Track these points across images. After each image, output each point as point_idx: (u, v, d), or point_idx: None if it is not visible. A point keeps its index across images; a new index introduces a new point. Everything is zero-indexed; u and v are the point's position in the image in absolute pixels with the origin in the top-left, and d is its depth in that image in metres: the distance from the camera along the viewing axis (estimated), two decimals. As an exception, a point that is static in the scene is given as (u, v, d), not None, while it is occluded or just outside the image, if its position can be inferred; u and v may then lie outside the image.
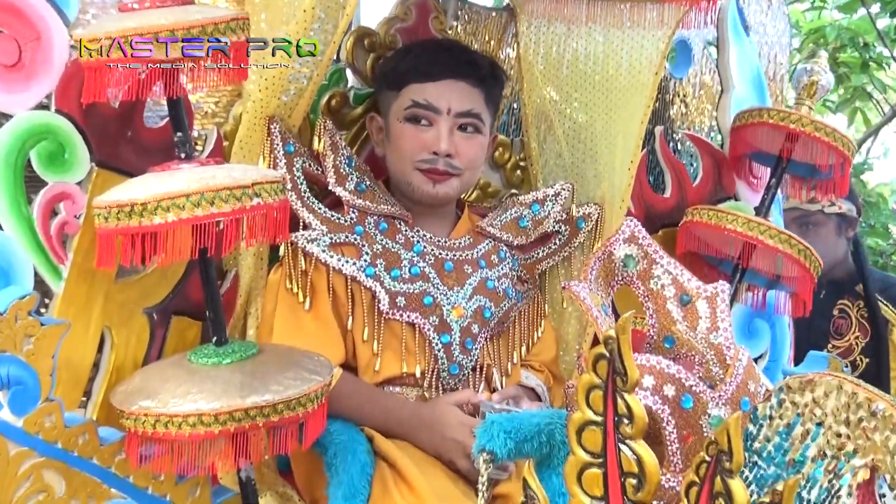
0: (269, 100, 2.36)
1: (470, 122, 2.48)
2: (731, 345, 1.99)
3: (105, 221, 1.87)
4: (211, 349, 2.03)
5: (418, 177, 2.45)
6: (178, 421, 1.87)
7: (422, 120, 2.46)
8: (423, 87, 2.46)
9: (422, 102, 2.45)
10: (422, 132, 2.45)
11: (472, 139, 2.49)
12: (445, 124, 2.44)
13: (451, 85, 2.47)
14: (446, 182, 2.47)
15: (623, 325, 1.52)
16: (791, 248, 2.64)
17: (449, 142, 2.44)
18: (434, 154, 2.44)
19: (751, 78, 3.09)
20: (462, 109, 2.46)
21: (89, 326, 2.12)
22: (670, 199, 2.95)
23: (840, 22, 7.25)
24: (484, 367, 2.48)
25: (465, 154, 2.47)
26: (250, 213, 1.88)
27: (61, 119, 2.05)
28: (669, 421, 1.81)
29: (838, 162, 2.72)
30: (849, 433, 1.56)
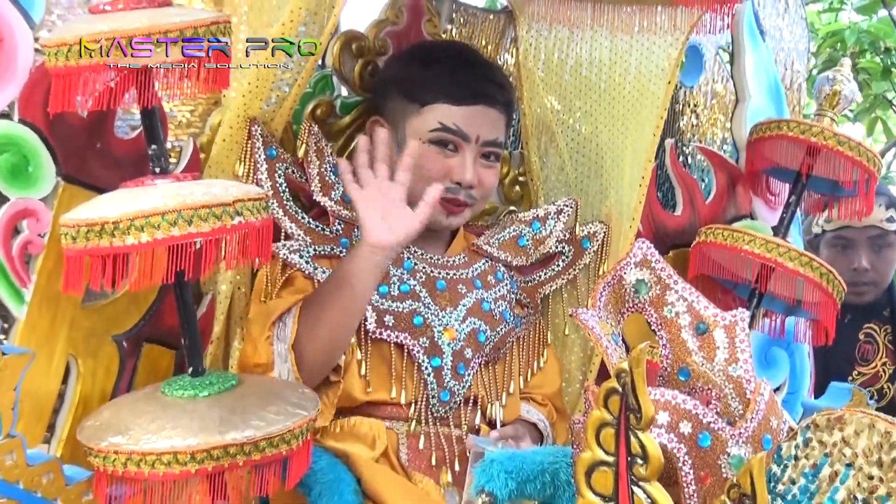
0: (250, 108, 2.37)
1: (493, 151, 2.51)
2: (751, 378, 1.98)
3: (72, 241, 1.85)
4: (186, 380, 2.01)
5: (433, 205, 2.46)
6: (152, 459, 1.85)
7: (448, 144, 2.46)
8: (453, 111, 2.46)
9: (452, 128, 2.45)
10: (447, 158, 2.46)
11: (491, 168, 2.53)
12: (471, 153, 2.46)
13: (482, 112, 2.48)
14: (460, 214, 2.51)
15: (637, 357, 1.53)
16: (812, 271, 2.63)
17: (473, 172, 2.46)
18: (457, 184, 2.45)
19: (767, 87, 3.10)
20: (490, 138, 2.49)
21: (54, 355, 2.11)
22: (681, 217, 2.94)
23: (859, 25, 7.29)
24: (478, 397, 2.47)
25: (485, 185, 2.52)
26: (231, 233, 1.86)
27: (25, 129, 2.05)
28: (686, 461, 1.81)
29: (863, 178, 2.71)
30: (881, 475, 1.56)
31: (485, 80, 2.52)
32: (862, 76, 7.46)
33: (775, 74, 3.18)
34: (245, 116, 2.37)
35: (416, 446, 2.40)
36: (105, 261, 1.83)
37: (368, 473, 2.29)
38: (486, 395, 2.49)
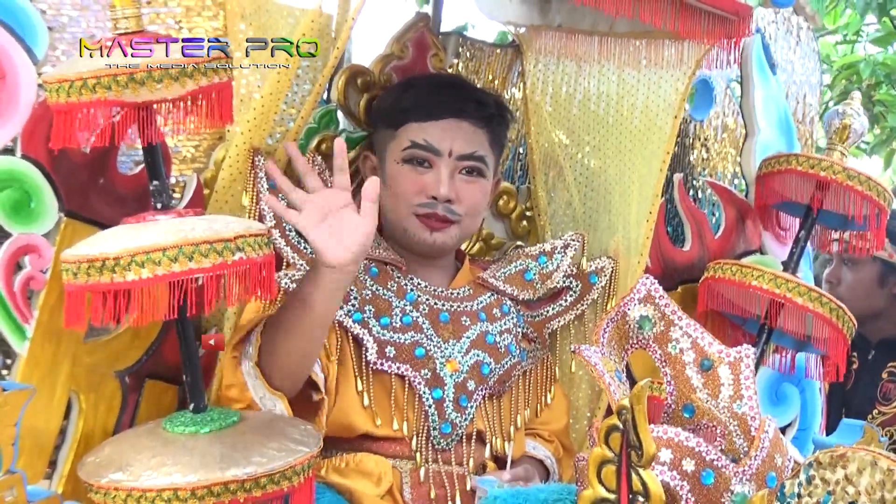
0: (254, 142, 2.40)
1: (473, 166, 2.50)
2: (756, 415, 1.97)
3: (74, 277, 1.85)
4: (188, 416, 2.01)
5: (415, 223, 2.47)
6: (152, 496, 1.85)
7: (422, 162, 2.47)
8: (423, 127, 2.48)
9: (421, 143, 2.47)
10: (421, 175, 2.47)
11: (474, 184, 2.51)
12: (446, 167, 2.47)
13: (453, 125, 2.49)
14: (445, 230, 2.48)
15: (638, 394, 1.54)
16: (822, 306, 2.63)
17: (449, 186, 2.45)
18: (433, 199, 2.45)
19: (777, 120, 3.10)
20: (465, 152, 2.48)
21: (55, 391, 2.13)
22: (690, 252, 2.95)
23: (875, 57, 7.29)
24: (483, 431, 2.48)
25: (467, 200, 2.49)
26: (232, 269, 1.87)
27: (27, 165, 2.08)
28: (689, 499, 1.81)
29: (873, 212, 2.71)
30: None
31: (457, 96, 2.54)
32: (878, 108, 7.45)
33: (786, 108, 3.18)
34: (250, 147, 2.40)
35: (418, 484, 2.40)
36: (106, 296, 1.83)
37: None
38: (491, 429, 2.49)
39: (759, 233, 3.01)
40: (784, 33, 3.39)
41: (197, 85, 1.89)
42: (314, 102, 2.45)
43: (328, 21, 2.43)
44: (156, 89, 1.86)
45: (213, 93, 1.94)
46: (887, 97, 7.37)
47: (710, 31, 2.39)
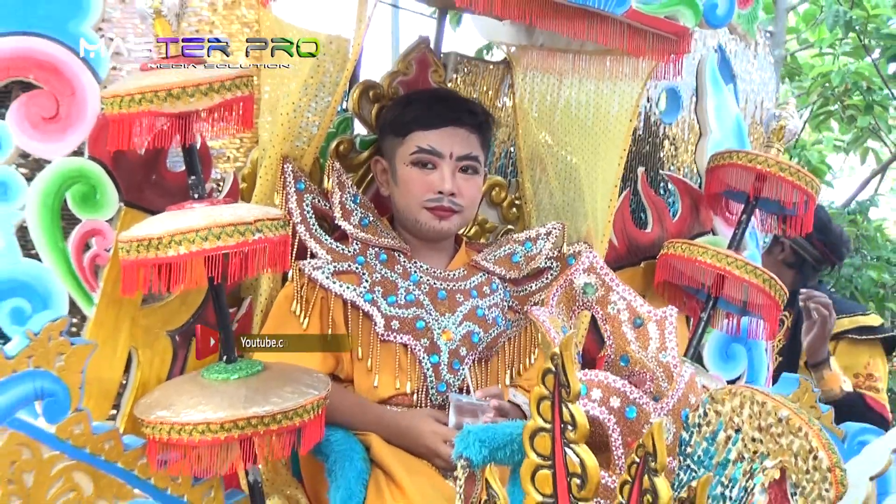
0: (283, 145, 2.45)
1: (470, 165, 2.56)
2: (677, 363, 2.03)
3: (127, 254, 1.94)
4: (221, 366, 2.09)
5: (426, 215, 2.53)
6: (189, 428, 1.93)
7: (427, 164, 2.53)
8: (426, 135, 2.53)
9: (426, 148, 2.53)
10: (427, 175, 2.53)
11: (471, 180, 2.57)
12: (448, 167, 2.52)
13: (452, 132, 2.55)
14: (450, 219, 2.54)
15: (566, 342, 1.61)
16: (756, 278, 2.67)
17: (452, 182, 2.51)
18: (439, 193, 2.51)
19: (729, 123, 3.13)
20: (463, 153, 2.54)
21: (117, 347, 2.19)
22: (651, 233, 2.99)
23: (847, 66, 7.27)
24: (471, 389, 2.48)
25: (466, 193, 2.56)
26: (252, 247, 1.94)
27: (93, 164, 2.14)
28: (615, 429, 1.86)
29: (802, 199, 2.75)
30: (761, 438, 1.63)
31: (453, 107, 2.59)
32: (850, 112, 7.43)
33: (738, 115, 3.20)
34: (280, 155, 2.45)
35: None
36: (152, 269, 1.92)
37: (376, 444, 2.36)
38: (480, 387, 2.51)
39: (711, 217, 3.04)
40: (743, 48, 3.41)
41: (223, 98, 1.97)
42: (333, 112, 2.50)
43: (344, 44, 2.45)
44: (190, 102, 1.94)
45: (237, 104, 2.01)
46: (859, 102, 7.34)
47: (655, 49, 2.40)
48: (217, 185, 2.44)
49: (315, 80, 2.45)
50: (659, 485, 1.55)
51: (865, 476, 1.91)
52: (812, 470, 1.59)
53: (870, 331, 4.09)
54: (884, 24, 6.90)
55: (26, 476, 1.92)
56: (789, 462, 1.60)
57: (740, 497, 1.63)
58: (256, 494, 2.15)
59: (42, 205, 2.12)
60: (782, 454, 1.61)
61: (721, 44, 3.24)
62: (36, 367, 1.92)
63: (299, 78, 2.44)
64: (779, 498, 1.62)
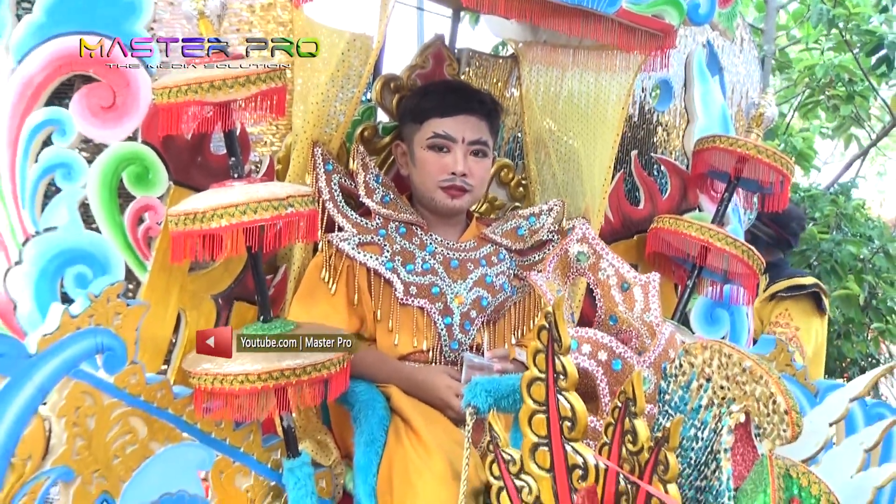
0: (314, 131, 2.47)
1: (480, 148, 2.58)
2: (659, 322, 2.07)
3: (175, 226, 1.99)
4: (259, 325, 2.13)
5: (441, 194, 2.56)
6: (231, 379, 1.98)
7: (442, 148, 2.55)
8: (441, 122, 2.55)
9: (441, 134, 2.55)
10: (442, 157, 2.55)
11: (481, 162, 2.59)
12: (461, 151, 2.54)
13: (464, 119, 2.56)
14: (461, 197, 2.56)
15: (558, 302, 1.67)
16: (737, 249, 2.68)
17: (464, 164, 2.54)
18: (452, 174, 2.54)
19: (715, 111, 3.12)
20: (473, 138, 2.56)
21: (168, 309, 2.23)
22: (643, 210, 3.00)
23: (831, 60, 7.23)
24: (481, 345, 2.53)
25: (477, 174, 2.58)
26: (285, 220, 1.98)
27: (146, 148, 2.18)
28: (602, 379, 1.91)
29: (778, 179, 2.75)
30: (728, 386, 1.67)
31: (465, 98, 2.61)
32: (833, 101, 7.39)
33: (723, 104, 3.19)
34: (311, 140, 2.47)
35: None
36: (198, 240, 1.97)
37: (395, 395, 2.38)
38: (488, 346, 2.54)
39: (697, 195, 3.04)
40: (730, 44, 3.42)
41: (259, 89, 2.00)
42: (358, 101, 2.51)
43: (367, 41, 2.47)
44: (229, 92, 1.97)
45: (272, 94, 2.04)
46: (842, 92, 7.29)
47: (644, 44, 2.42)
48: (255, 167, 2.47)
49: (342, 73, 2.47)
50: (638, 426, 1.61)
51: (826, 422, 1.95)
52: (772, 413, 1.62)
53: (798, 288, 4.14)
54: (864, 22, 6.84)
55: (89, 420, 1.96)
56: (752, 406, 1.64)
57: (710, 437, 1.65)
58: (290, 438, 2.19)
59: (101, 184, 2.16)
60: (746, 399, 1.64)
61: (709, 39, 3.25)
62: (96, 325, 1.96)
63: (328, 71, 2.45)
64: (744, 438, 1.65)
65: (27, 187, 2.15)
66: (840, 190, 6.77)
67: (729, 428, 1.62)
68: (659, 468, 1.56)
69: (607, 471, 1.63)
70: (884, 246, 5.87)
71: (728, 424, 1.63)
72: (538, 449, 1.72)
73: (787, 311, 4.19)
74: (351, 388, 2.28)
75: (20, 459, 1.89)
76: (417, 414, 2.33)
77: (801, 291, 4.17)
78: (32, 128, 2.15)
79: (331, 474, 2.33)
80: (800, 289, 4.17)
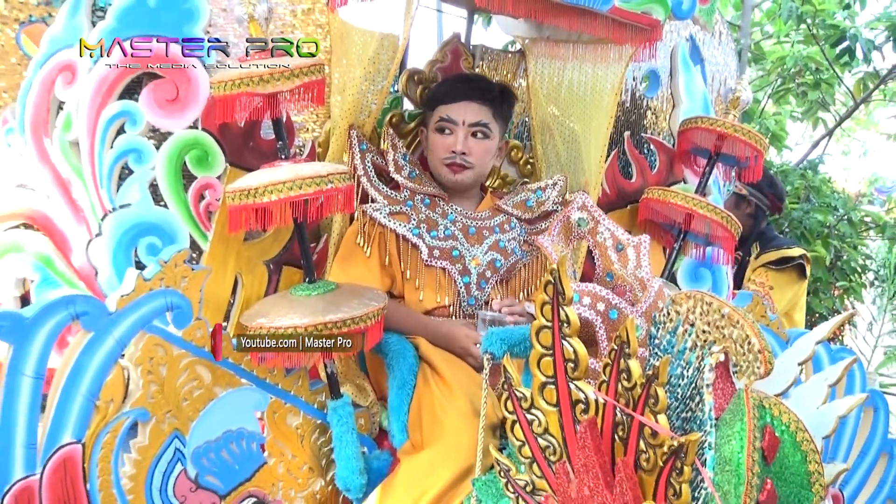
0: (350, 118, 2.48)
1: (479, 130, 2.55)
2: (649, 277, 2.06)
3: (232, 201, 2.01)
4: (305, 286, 2.16)
5: (445, 169, 2.56)
6: (280, 332, 2.01)
7: (445, 130, 2.55)
8: (447, 107, 2.55)
9: (444, 118, 2.54)
10: (445, 138, 2.55)
11: (481, 143, 2.56)
12: (461, 132, 2.53)
13: (466, 104, 2.55)
14: (462, 173, 2.55)
15: (562, 260, 1.66)
16: (717, 215, 2.68)
17: (463, 144, 2.52)
18: (453, 153, 2.53)
19: (698, 96, 3.10)
20: (473, 121, 2.54)
21: (226, 273, 2.24)
22: (635, 183, 2.98)
23: (800, 51, 7.16)
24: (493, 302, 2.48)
25: (475, 153, 2.55)
26: (326, 194, 2.00)
27: (204, 134, 2.18)
28: (601, 327, 1.91)
29: (752, 154, 2.73)
30: (709, 330, 1.67)
31: (468, 86, 2.59)
32: (803, 88, 7.32)
33: (705, 91, 3.15)
34: (347, 125, 2.48)
35: None
36: (251, 213, 1.99)
37: (423, 345, 2.40)
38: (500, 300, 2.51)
39: (682, 169, 3.02)
40: (710, 37, 3.39)
41: (301, 81, 2.01)
42: (387, 92, 2.51)
43: (394, 39, 2.47)
44: (276, 85, 1.99)
45: (312, 87, 2.05)
46: (809, 80, 7.23)
47: (633, 37, 2.42)
48: (299, 150, 2.48)
49: (373, 68, 2.47)
50: (632, 365, 1.60)
51: (795, 362, 1.94)
52: (747, 352, 1.62)
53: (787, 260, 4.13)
54: (829, 17, 6.77)
55: (161, 368, 1.99)
56: (730, 347, 1.63)
57: (694, 375, 1.65)
58: (333, 383, 2.22)
59: (167, 166, 2.17)
60: (725, 341, 1.64)
61: (692, 33, 3.22)
62: (166, 287, 2.00)
63: (361, 66, 2.45)
64: (723, 375, 1.64)
65: (104, 170, 2.15)
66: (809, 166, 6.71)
67: (710, 366, 1.61)
68: (650, 401, 1.56)
69: (605, 405, 1.62)
70: (847, 214, 5.83)
71: (709, 363, 1.61)
72: (546, 387, 1.71)
73: (766, 273, 4.19)
74: (384, 339, 2.29)
75: (104, 402, 1.93)
76: (442, 361, 2.35)
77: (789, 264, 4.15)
78: (108, 119, 2.15)
79: (368, 413, 2.36)
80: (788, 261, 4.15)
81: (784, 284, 4.18)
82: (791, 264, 4.17)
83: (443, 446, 2.14)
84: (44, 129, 2.21)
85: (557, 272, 1.67)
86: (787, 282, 4.19)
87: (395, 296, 2.52)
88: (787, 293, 4.22)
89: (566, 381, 1.69)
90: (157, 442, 2.00)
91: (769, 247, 4.23)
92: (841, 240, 5.80)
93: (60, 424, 1.88)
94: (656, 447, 1.53)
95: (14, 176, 2.25)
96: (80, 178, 2.17)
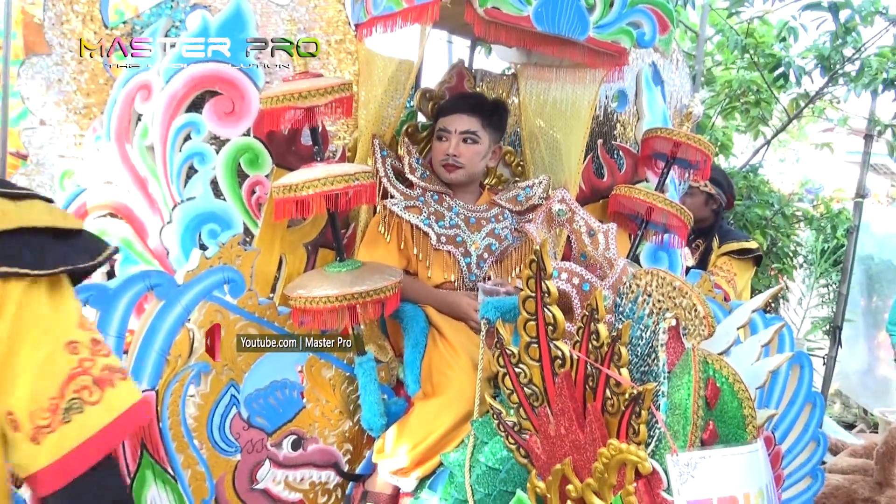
0: (373, 128, 2.45)
1: (469, 136, 2.49)
2: (616, 258, 2.05)
3: (277, 195, 2.01)
4: (336, 264, 2.16)
5: (442, 169, 2.51)
6: (317, 300, 2.02)
7: (442, 137, 2.52)
8: (444, 119, 2.52)
9: (441, 127, 2.51)
10: (442, 144, 2.51)
11: (470, 147, 2.49)
12: (454, 139, 2.48)
13: (458, 116, 2.50)
14: (455, 172, 2.50)
15: (544, 243, 1.67)
16: (672, 208, 2.66)
17: (455, 148, 2.47)
18: (447, 156, 2.49)
19: (658, 112, 3.08)
20: (463, 129, 2.48)
21: (273, 253, 2.22)
22: (606, 181, 2.95)
23: (744, 75, 7.10)
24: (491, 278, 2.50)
25: (465, 155, 2.49)
26: (354, 189, 2.00)
27: (255, 141, 2.18)
28: (576, 297, 1.90)
29: (702, 158, 2.72)
30: (663, 299, 1.66)
31: (462, 101, 2.55)
32: (746, 106, 7.26)
33: (664, 107, 3.13)
34: (371, 134, 2.46)
35: None
36: (293, 204, 1.99)
37: (431, 312, 2.38)
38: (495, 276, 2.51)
39: (644, 171, 3.00)
40: (668, 63, 3.37)
41: (333, 97, 2.00)
42: (403, 107, 2.49)
43: (410, 64, 2.44)
44: (313, 100, 1.99)
45: (342, 102, 2.04)
46: (751, 99, 7.16)
47: (605, 62, 2.40)
48: (332, 154, 2.44)
49: (392, 87, 2.45)
50: (600, 328, 1.60)
51: (734, 327, 1.94)
52: (694, 318, 1.62)
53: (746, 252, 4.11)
54: (768, 48, 6.71)
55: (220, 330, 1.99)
56: (680, 314, 1.63)
57: (651, 337, 1.65)
58: (359, 342, 2.20)
59: (225, 166, 2.17)
60: (676, 309, 1.64)
61: (654, 60, 3.20)
62: (224, 264, 2.00)
63: (382, 86, 2.43)
64: (674, 336, 1.64)
65: (174, 170, 2.15)
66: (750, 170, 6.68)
67: (664, 329, 1.62)
68: (615, 358, 1.57)
69: (578, 360, 1.63)
70: (782, 209, 5.83)
71: (663, 327, 1.62)
72: (530, 346, 1.72)
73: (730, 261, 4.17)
74: (401, 307, 2.29)
75: (173, 357, 1.94)
76: (448, 325, 2.34)
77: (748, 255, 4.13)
78: (177, 129, 2.14)
79: (388, 367, 2.35)
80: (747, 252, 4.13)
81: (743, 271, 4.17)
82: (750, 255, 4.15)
83: (448, 395, 2.14)
84: (126, 136, 2.21)
85: (540, 252, 1.67)
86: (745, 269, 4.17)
87: (409, 273, 2.50)
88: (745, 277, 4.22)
89: (547, 341, 1.70)
90: (216, 389, 2.01)
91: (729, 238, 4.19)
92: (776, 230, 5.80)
93: (138, 375, 1.88)
94: (619, 395, 1.54)
95: (102, 175, 2.25)
96: (154, 177, 2.17)
